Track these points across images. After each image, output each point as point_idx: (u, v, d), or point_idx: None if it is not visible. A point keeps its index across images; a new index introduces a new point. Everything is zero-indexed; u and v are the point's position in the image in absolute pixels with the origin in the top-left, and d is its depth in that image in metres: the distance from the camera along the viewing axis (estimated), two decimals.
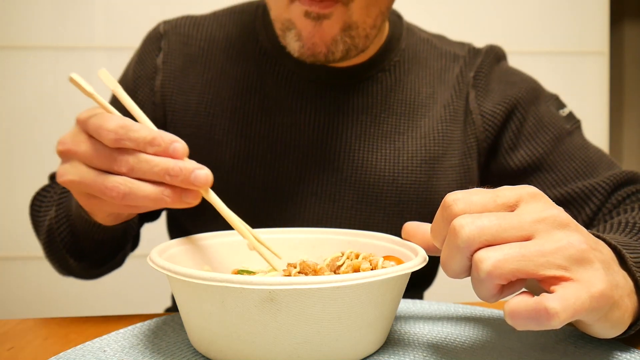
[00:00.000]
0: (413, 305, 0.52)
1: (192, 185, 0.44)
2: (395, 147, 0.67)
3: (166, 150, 0.43)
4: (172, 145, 0.44)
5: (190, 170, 0.43)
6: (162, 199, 0.44)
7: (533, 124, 0.69)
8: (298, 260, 0.44)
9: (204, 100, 0.68)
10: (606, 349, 0.41)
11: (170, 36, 0.71)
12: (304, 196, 0.67)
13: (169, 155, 0.44)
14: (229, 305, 0.36)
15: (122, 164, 0.43)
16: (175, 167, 0.43)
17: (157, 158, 0.43)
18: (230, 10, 0.74)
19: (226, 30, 0.72)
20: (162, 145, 0.43)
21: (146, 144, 0.43)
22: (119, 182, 0.43)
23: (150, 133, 0.43)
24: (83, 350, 0.41)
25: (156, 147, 0.43)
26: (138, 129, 0.43)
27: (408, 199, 0.67)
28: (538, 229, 0.35)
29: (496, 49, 0.74)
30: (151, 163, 0.43)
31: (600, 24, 1.52)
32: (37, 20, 1.39)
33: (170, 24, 0.73)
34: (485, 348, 0.42)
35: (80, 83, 0.43)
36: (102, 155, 0.44)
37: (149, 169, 0.43)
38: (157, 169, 0.43)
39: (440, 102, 0.70)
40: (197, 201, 0.45)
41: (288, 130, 0.67)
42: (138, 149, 0.43)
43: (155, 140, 0.43)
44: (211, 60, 0.70)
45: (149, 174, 0.43)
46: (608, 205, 0.64)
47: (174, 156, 0.44)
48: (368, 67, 0.68)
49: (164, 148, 0.43)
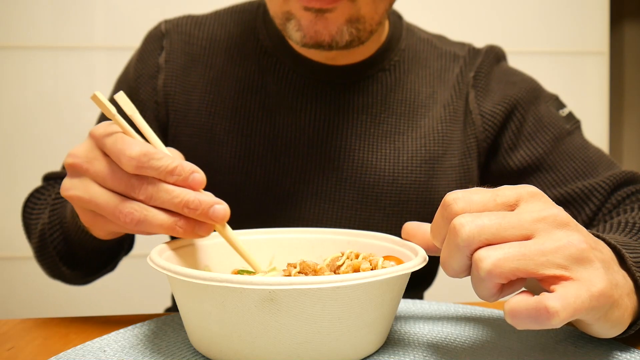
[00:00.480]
0: (413, 305, 0.52)
1: (209, 220, 0.43)
2: (395, 147, 0.67)
3: (186, 180, 0.43)
4: (191, 176, 0.43)
5: (210, 204, 0.43)
6: (174, 229, 0.43)
7: (533, 124, 0.69)
8: (298, 260, 0.44)
9: (205, 100, 0.68)
10: (606, 349, 0.41)
11: (173, 35, 0.71)
12: (304, 196, 0.67)
13: (187, 186, 0.43)
14: (229, 305, 0.36)
15: (140, 191, 0.42)
16: (195, 200, 0.42)
17: (178, 189, 0.42)
18: (232, 9, 0.75)
19: (227, 29, 0.72)
20: (183, 175, 0.43)
21: (167, 173, 0.42)
22: (134, 209, 0.42)
23: (173, 162, 0.42)
24: (83, 350, 0.41)
25: (176, 177, 0.42)
26: (160, 158, 0.42)
27: (408, 199, 0.67)
28: (538, 228, 0.35)
29: (496, 49, 0.74)
30: (172, 194, 0.42)
31: (600, 24, 1.52)
32: (37, 20, 1.39)
33: (171, 23, 0.73)
34: (485, 348, 0.42)
35: (103, 102, 0.42)
36: (119, 179, 0.43)
37: (168, 200, 0.42)
38: (176, 200, 0.42)
39: (440, 102, 0.70)
40: (209, 234, 0.45)
41: (288, 129, 0.67)
42: (158, 178, 0.42)
43: (177, 170, 0.42)
44: (213, 60, 0.70)
45: (167, 204, 0.42)
46: (608, 205, 0.64)
47: (192, 187, 0.43)
48: (368, 66, 0.69)
49: (184, 178, 0.43)
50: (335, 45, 0.60)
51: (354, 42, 0.61)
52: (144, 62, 0.71)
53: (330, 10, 0.57)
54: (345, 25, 0.59)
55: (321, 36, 0.59)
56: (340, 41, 0.59)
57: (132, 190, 0.42)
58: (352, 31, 0.59)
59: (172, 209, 0.43)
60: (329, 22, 0.58)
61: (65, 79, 1.40)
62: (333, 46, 0.60)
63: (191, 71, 0.70)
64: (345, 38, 0.59)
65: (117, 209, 0.43)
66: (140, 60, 0.71)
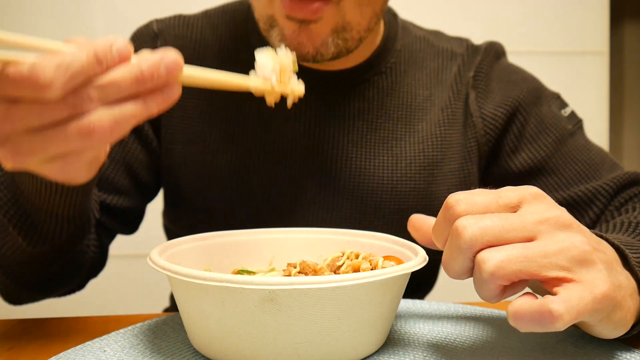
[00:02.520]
0: (413, 305, 0.52)
1: (170, 77, 0.36)
2: (393, 153, 0.66)
3: (114, 59, 0.35)
4: (114, 50, 0.35)
5: (157, 64, 0.35)
6: (147, 110, 0.36)
7: (535, 126, 0.67)
8: (298, 260, 0.44)
9: (199, 108, 0.67)
10: (607, 350, 0.41)
11: (166, 37, 0.69)
12: (301, 205, 0.65)
13: (119, 62, 0.35)
14: (229, 305, 0.36)
15: (84, 102, 0.34)
16: (142, 73, 0.35)
17: (116, 73, 0.34)
18: (222, 9, 0.72)
19: (218, 32, 0.70)
20: (109, 57, 0.34)
21: (92, 67, 0.34)
22: (98, 118, 0.34)
23: (88, 53, 0.33)
24: (83, 350, 0.41)
25: (104, 64, 0.34)
26: (73, 59, 0.33)
27: (407, 207, 0.66)
28: (541, 230, 0.35)
29: (496, 45, 0.72)
30: (116, 84, 0.34)
31: (600, 24, 1.52)
32: (37, 20, 1.39)
33: (163, 22, 0.70)
34: (485, 348, 0.42)
35: None
36: (51, 110, 0.33)
37: (116, 92, 0.35)
38: (125, 85, 0.35)
39: (438, 105, 0.68)
40: (179, 89, 0.38)
41: (284, 138, 0.65)
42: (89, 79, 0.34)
43: (99, 57, 0.34)
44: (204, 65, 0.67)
45: (120, 96, 0.35)
46: (611, 207, 0.64)
47: (124, 59, 0.35)
48: (364, 70, 0.67)
49: (111, 59, 0.34)
50: (320, 58, 0.57)
51: (340, 53, 0.58)
52: None
53: (314, 21, 0.55)
54: (331, 37, 0.56)
55: (305, 48, 0.56)
56: (325, 54, 0.57)
57: (76, 108, 0.34)
58: (339, 42, 0.57)
59: (125, 97, 0.35)
60: (314, 34, 0.56)
61: None
62: (318, 59, 0.57)
63: None
64: (331, 50, 0.57)
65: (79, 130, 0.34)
66: None
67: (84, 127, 0.34)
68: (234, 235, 0.51)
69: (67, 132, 0.34)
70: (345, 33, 0.57)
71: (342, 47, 0.58)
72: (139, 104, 0.36)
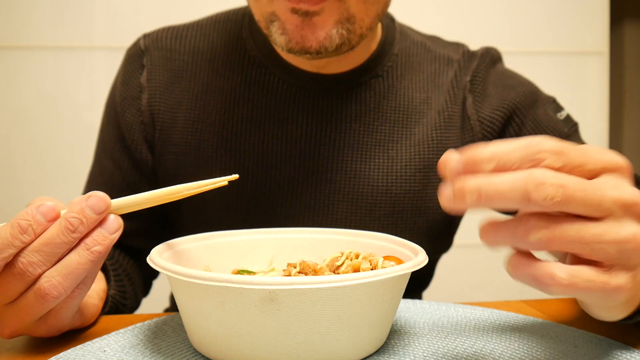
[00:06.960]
0: (413, 305, 0.52)
1: (101, 215, 0.40)
2: (389, 156, 0.66)
3: (41, 223, 0.39)
4: (39, 215, 0.39)
5: (81, 209, 0.39)
6: (92, 253, 0.39)
7: (531, 129, 0.68)
8: (298, 260, 0.44)
9: (191, 116, 0.66)
10: (606, 349, 0.41)
11: (152, 52, 0.69)
12: (297, 209, 0.65)
13: (48, 223, 0.39)
14: (229, 305, 0.36)
15: (28, 269, 0.38)
16: (69, 223, 0.38)
17: (48, 233, 0.38)
18: (214, 18, 0.72)
19: (210, 40, 0.69)
20: (33, 223, 0.38)
21: (17, 237, 0.38)
22: (47, 279, 0.38)
23: (12, 225, 0.38)
24: (83, 350, 0.41)
25: (30, 231, 0.38)
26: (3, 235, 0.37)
27: (402, 209, 0.66)
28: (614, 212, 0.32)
29: (492, 51, 0.73)
30: (50, 243, 0.38)
31: (600, 24, 1.52)
32: (37, 20, 1.39)
33: (150, 37, 0.70)
34: (485, 348, 0.42)
35: None
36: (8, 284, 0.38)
37: (54, 250, 0.38)
38: (59, 241, 0.38)
39: (435, 108, 0.68)
40: (118, 220, 0.41)
41: (279, 141, 0.65)
42: (25, 246, 0.38)
43: (22, 226, 0.38)
44: (196, 74, 0.68)
45: (60, 251, 0.39)
46: None
47: (52, 219, 0.39)
48: (361, 73, 0.67)
49: (36, 223, 0.38)
50: (324, 51, 0.56)
51: (344, 45, 0.57)
52: (127, 84, 0.69)
53: (317, 13, 0.54)
54: (335, 28, 0.55)
55: (308, 42, 0.55)
56: (329, 46, 0.56)
57: (25, 276, 0.38)
58: (343, 33, 0.56)
59: (66, 250, 0.39)
60: (317, 27, 0.55)
61: (65, 79, 1.40)
62: (322, 52, 0.56)
63: (175, 87, 0.67)
64: (335, 42, 0.56)
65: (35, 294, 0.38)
66: (123, 82, 0.69)
67: (38, 292, 0.38)
68: (234, 235, 0.51)
69: (28, 300, 0.39)
70: (349, 24, 0.56)
71: (345, 38, 0.57)
72: (82, 250, 0.39)
